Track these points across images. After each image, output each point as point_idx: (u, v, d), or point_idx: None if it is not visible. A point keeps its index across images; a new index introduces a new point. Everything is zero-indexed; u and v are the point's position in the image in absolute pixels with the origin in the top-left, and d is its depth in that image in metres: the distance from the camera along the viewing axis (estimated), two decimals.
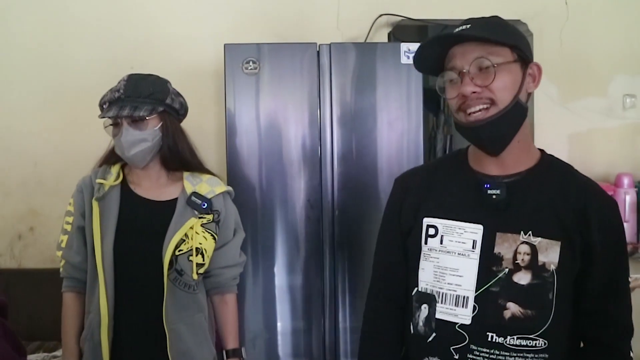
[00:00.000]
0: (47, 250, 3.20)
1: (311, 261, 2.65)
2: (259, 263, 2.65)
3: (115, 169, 1.93)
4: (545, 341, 1.32)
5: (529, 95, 1.39)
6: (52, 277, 1.99)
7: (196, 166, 1.97)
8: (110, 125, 1.84)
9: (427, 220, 1.45)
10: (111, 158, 1.94)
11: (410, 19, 3.29)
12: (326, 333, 2.68)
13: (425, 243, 1.44)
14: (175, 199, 1.90)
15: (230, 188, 2.03)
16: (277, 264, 2.66)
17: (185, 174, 1.95)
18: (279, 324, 2.68)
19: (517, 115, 1.35)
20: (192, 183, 1.93)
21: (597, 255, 1.34)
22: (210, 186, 1.95)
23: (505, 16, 3.28)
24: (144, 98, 1.81)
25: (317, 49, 2.62)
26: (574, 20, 3.39)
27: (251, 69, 2.56)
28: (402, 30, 3.47)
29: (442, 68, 1.41)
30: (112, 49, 3.25)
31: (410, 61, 2.54)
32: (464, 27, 1.35)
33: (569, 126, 3.44)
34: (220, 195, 1.97)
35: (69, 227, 1.91)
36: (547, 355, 1.32)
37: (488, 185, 1.38)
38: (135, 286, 1.84)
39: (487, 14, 3.28)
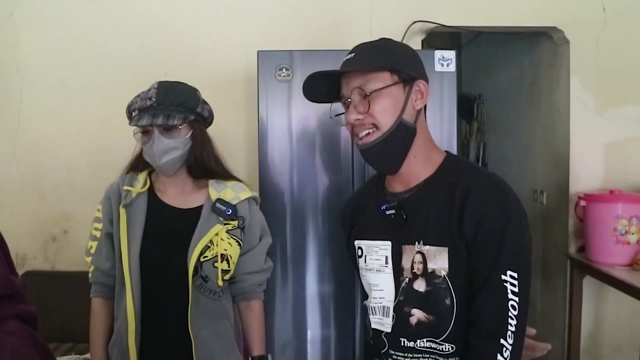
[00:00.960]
0: (80, 253, 3.20)
1: (342, 269, 2.63)
2: (290, 270, 2.64)
3: (142, 176, 1.94)
4: (452, 346, 1.38)
5: (419, 111, 1.45)
6: (85, 279, 2.01)
7: (221, 173, 1.97)
8: (140, 132, 1.85)
9: (356, 243, 1.58)
10: (138, 165, 1.96)
11: (444, 25, 3.26)
12: (356, 343, 2.66)
13: (358, 263, 1.58)
14: (201, 206, 1.91)
15: (256, 194, 2.03)
16: (308, 272, 2.65)
17: (211, 181, 1.95)
18: (308, 332, 2.67)
19: (402, 134, 1.41)
20: (217, 190, 1.93)
21: (472, 254, 1.35)
22: (235, 192, 1.95)
23: (541, 23, 3.29)
24: (175, 106, 1.82)
25: None
26: (612, 27, 3.31)
27: (284, 76, 2.56)
28: (435, 37, 3.45)
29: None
30: (145, 55, 3.29)
31: (445, 68, 2.57)
32: (349, 56, 1.44)
33: (606, 135, 3.36)
34: (245, 201, 1.96)
35: (97, 234, 1.92)
36: (457, 359, 1.38)
37: (384, 207, 1.47)
38: (161, 293, 1.85)
39: (520, 20, 3.28)
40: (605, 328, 3.43)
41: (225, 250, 1.86)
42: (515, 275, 1.31)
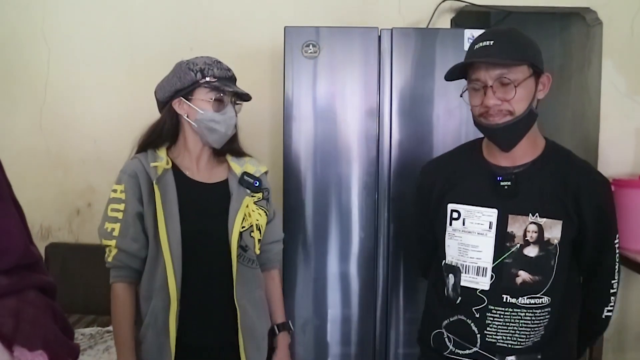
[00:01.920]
0: None
1: (365, 249, 2.62)
2: (313, 249, 2.64)
3: (163, 153, 1.92)
4: (549, 298, 1.65)
5: (539, 101, 1.67)
6: None
7: (238, 150, 2.04)
8: (214, 100, 1.86)
9: (451, 206, 1.75)
10: (157, 140, 1.94)
11: (473, 4, 3.20)
12: (377, 323, 2.65)
13: (450, 224, 1.75)
14: (225, 180, 1.95)
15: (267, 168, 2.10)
16: (331, 251, 2.64)
17: (228, 156, 2.00)
18: (329, 311, 2.67)
19: (529, 120, 1.64)
20: (239, 164, 1.99)
21: (589, 230, 1.66)
22: (255, 166, 2.02)
23: (574, 4, 3.20)
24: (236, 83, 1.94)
25: (379, 34, 2.57)
26: None
27: (311, 52, 2.53)
28: (464, 17, 3.39)
29: (463, 72, 1.69)
30: (171, 30, 3.28)
31: None
32: (487, 42, 1.60)
33: (637, 120, 3.28)
34: (264, 174, 2.04)
35: (119, 215, 1.83)
36: (550, 309, 1.66)
37: (500, 178, 1.68)
38: (203, 267, 1.85)
39: (552, 0, 3.18)
40: (631, 316, 3.39)
41: (257, 220, 1.92)
42: (617, 236, 1.74)
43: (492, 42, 1.59)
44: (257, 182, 1.96)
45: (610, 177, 3.14)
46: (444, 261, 1.79)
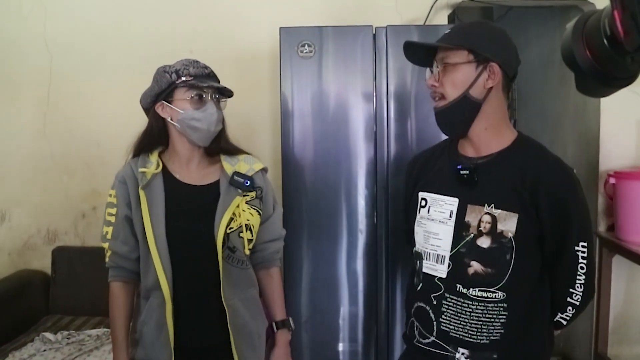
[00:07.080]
0: None
1: (366, 245, 2.65)
2: (312, 246, 2.67)
3: (154, 157, 1.94)
4: (504, 294, 1.62)
5: (490, 90, 1.62)
6: None
7: (231, 149, 2.02)
8: (195, 97, 1.86)
9: (421, 194, 1.79)
10: (148, 145, 1.96)
11: (472, 0, 3.21)
12: (379, 318, 2.67)
13: (419, 212, 1.79)
14: (217, 182, 1.94)
15: (265, 165, 2.07)
16: (330, 248, 2.66)
17: (222, 156, 1.99)
18: (330, 309, 2.69)
19: (466, 107, 1.63)
20: (231, 163, 1.97)
21: (546, 227, 1.61)
22: (249, 164, 1.99)
23: None
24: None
25: (373, 32, 2.58)
26: None
27: (306, 52, 2.55)
28: (463, 12, 3.39)
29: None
30: (171, 33, 3.32)
31: None
32: (447, 31, 1.67)
33: (638, 112, 3.28)
34: (260, 172, 2.02)
35: (112, 219, 1.92)
36: (505, 305, 1.62)
37: (460, 167, 1.69)
38: (191, 268, 1.87)
39: None
40: (635, 308, 3.38)
41: (248, 220, 1.91)
42: (585, 244, 1.62)
43: (449, 31, 1.67)
44: (248, 182, 1.94)
45: (611, 170, 3.16)
46: (414, 248, 1.82)
